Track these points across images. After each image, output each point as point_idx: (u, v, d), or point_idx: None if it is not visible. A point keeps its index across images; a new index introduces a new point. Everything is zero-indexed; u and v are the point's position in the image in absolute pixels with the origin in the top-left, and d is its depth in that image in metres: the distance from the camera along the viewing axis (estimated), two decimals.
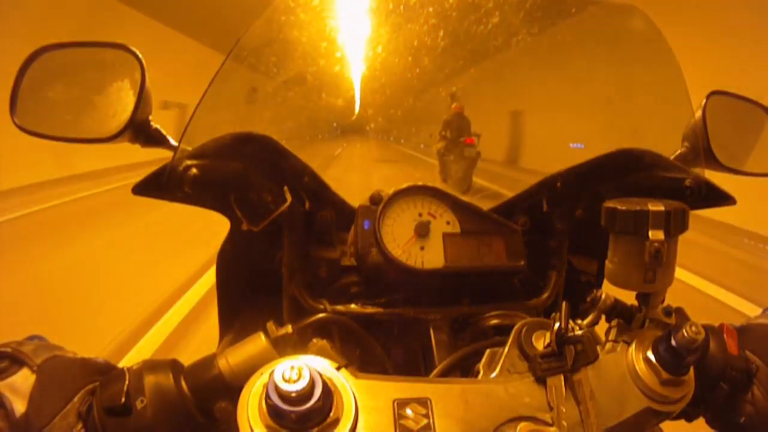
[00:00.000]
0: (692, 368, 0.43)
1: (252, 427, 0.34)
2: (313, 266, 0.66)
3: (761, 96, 0.74)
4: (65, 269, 3.69)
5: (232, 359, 0.43)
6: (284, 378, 0.33)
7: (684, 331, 0.40)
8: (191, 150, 0.55)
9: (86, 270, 3.72)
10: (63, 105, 0.65)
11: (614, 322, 0.48)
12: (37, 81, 0.61)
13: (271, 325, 0.45)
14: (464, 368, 0.54)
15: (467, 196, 0.66)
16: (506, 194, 0.72)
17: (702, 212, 0.63)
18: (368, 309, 0.63)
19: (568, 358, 0.40)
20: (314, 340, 0.49)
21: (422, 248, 0.61)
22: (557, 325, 0.41)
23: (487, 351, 0.46)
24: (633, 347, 0.44)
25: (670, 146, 0.68)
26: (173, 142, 0.60)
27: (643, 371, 0.42)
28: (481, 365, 0.45)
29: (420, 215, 0.63)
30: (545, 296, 0.68)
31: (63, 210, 5.88)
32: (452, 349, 0.58)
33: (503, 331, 0.57)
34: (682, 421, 0.50)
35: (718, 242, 4.74)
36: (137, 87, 0.59)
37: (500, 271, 0.64)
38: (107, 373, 0.42)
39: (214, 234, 0.68)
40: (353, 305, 0.63)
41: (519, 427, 0.37)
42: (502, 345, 0.45)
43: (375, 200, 0.63)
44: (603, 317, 0.48)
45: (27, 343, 0.42)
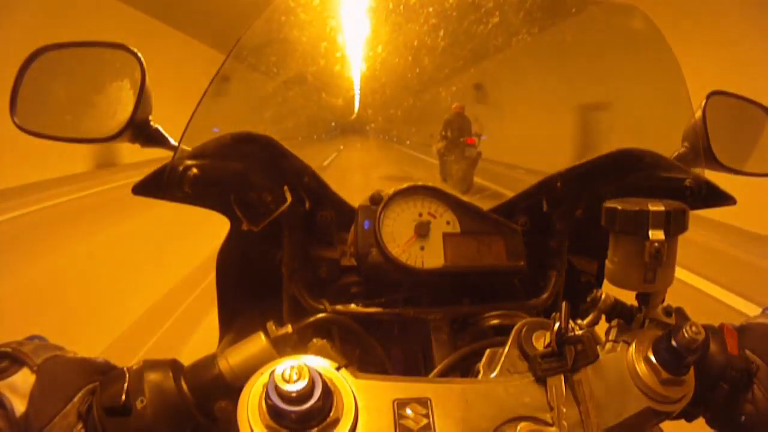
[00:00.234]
0: (692, 368, 0.43)
1: (252, 427, 0.34)
2: (313, 266, 0.66)
3: (761, 96, 0.74)
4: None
5: (232, 359, 0.43)
6: (284, 378, 0.33)
7: (684, 331, 0.40)
8: (191, 150, 0.55)
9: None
10: (63, 105, 0.65)
11: (614, 322, 0.48)
12: (37, 81, 0.61)
13: (271, 325, 0.46)
14: (464, 368, 0.54)
15: (467, 196, 0.66)
16: (507, 194, 0.72)
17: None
18: (368, 309, 0.62)
19: (568, 358, 0.40)
20: (314, 340, 0.49)
21: (422, 248, 0.61)
22: (557, 325, 0.41)
23: (487, 351, 0.46)
24: (633, 347, 0.44)
25: (670, 146, 0.68)
26: (173, 142, 0.60)
27: (643, 371, 0.42)
28: (481, 365, 0.45)
29: (420, 215, 0.63)
30: (545, 296, 0.68)
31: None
32: (452, 349, 0.58)
33: (503, 331, 0.57)
34: (682, 421, 0.50)
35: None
36: (137, 87, 0.59)
37: (500, 271, 0.64)
38: (107, 373, 0.42)
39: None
40: (353, 305, 0.63)
41: (519, 427, 0.37)
42: (502, 345, 0.45)
43: (375, 200, 0.63)
44: (603, 317, 0.48)
45: (27, 343, 0.42)
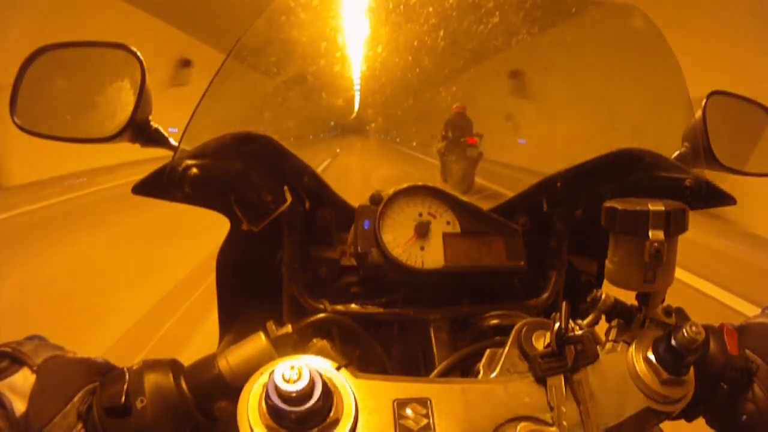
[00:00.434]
0: (692, 368, 0.43)
1: (252, 427, 0.34)
2: (313, 266, 0.65)
3: (761, 96, 0.74)
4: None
5: (232, 359, 0.43)
6: (284, 378, 0.33)
7: (684, 331, 0.40)
8: (191, 150, 0.55)
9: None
10: (63, 105, 0.65)
11: (614, 322, 0.48)
12: (37, 81, 0.61)
13: (271, 325, 0.45)
14: (464, 368, 0.54)
15: (467, 196, 0.66)
16: (507, 194, 0.72)
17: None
18: (368, 309, 0.62)
19: (568, 358, 0.40)
20: (314, 340, 0.49)
21: (422, 248, 0.61)
22: (557, 325, 0.41)
23: (487, 351, 0.46)
24: (633, 347, 0.44)
25: (670, 146, 0.68)
26: (173, 142, 0.60)
27: (643, 371, 0.42)
28: (481, 365, 0.45)
29: (420, 215, 0.63)
30: (545, 296, 0.68)
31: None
32: (452, 349, 0.58)
33: (503, 331, 0.57)
34: (682, 421, 0.50)
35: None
36: (137, 87, 0.59)
37: (500, 271, 0.64)
38: (107, 373, 0.42)
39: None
40: (353, 305, 0.63)
41: (519, 427, 0.37)
42: (502, 345, 0.45)
43: (375, 200, 0.63)
44: (603, 317, 0.48)
45: (27, 343, 0.42)
